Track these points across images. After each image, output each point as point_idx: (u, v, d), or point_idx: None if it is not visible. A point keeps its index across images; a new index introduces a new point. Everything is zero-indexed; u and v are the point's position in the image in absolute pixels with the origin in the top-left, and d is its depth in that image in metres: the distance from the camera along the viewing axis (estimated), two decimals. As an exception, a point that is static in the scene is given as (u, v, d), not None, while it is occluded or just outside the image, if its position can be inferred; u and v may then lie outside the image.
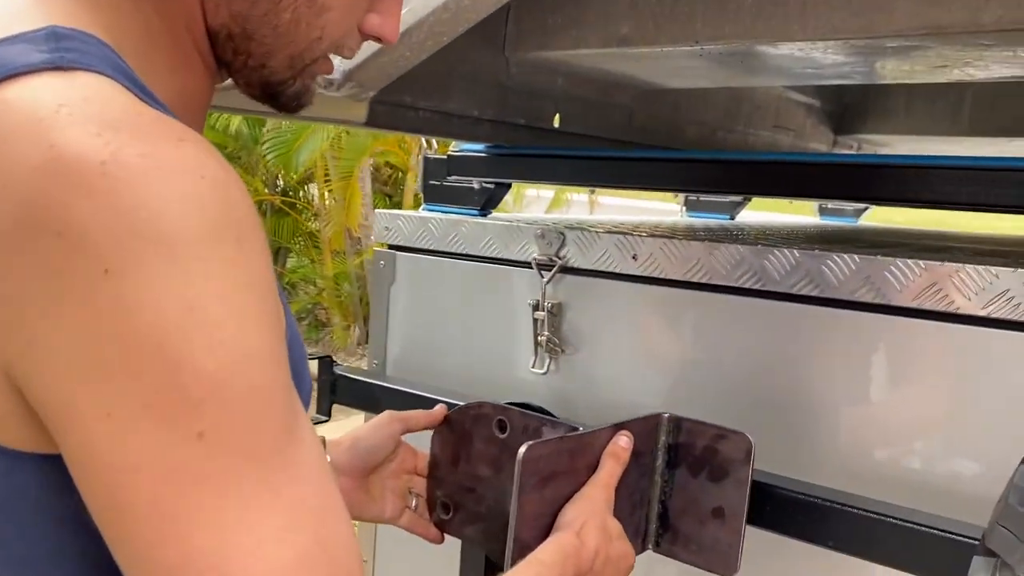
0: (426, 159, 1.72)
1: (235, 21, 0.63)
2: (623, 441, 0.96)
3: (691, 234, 1.39)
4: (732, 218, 2.56)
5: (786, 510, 1.06)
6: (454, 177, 1.61)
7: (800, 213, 3.53)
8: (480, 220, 1.51)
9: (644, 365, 1.32)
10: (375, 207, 7.72)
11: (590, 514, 0.88)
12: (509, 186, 1.65)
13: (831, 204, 3.21)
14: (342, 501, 0.54)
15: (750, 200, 2.56)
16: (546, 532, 0.88)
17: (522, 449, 0.85)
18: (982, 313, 1.03)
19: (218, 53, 0.64)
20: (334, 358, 1.59)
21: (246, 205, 0.52)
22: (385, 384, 1.50)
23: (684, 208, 2.59)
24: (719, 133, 2.19)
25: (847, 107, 2.87)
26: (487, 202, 1.63)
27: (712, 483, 1.01)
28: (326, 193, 7.91)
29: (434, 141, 1.93)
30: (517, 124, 1.56)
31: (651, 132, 1.92)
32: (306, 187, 8.76)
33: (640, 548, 1.04)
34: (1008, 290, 1.01)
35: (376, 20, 0.68)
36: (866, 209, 3.38)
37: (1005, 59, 1.24)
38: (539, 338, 1.38)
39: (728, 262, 1.22)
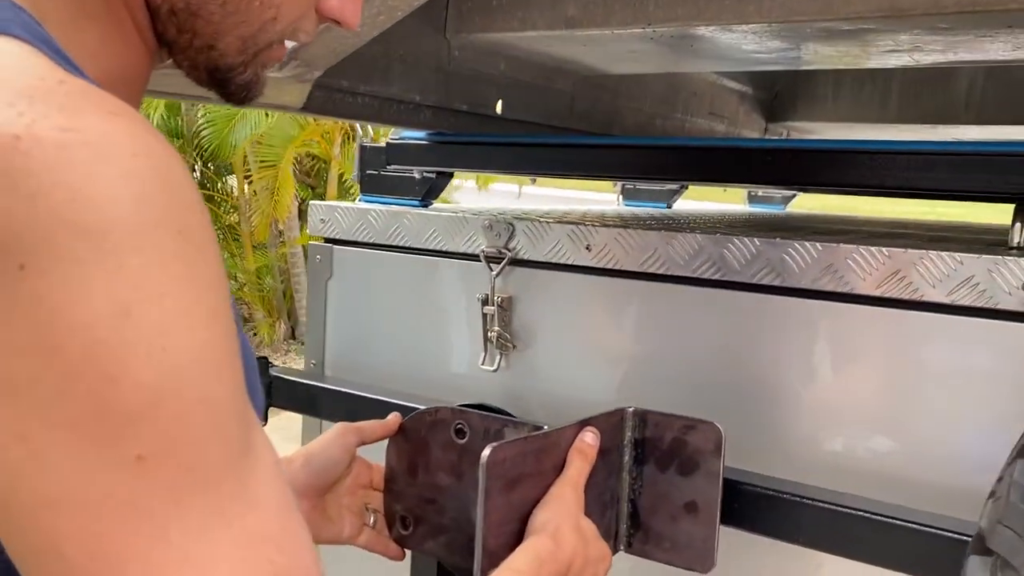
0: (362, 148, 1.63)
1: None
2: (589, 438, 0.91)
3: (646, 223, 1.35)
4: (669, 206, 2.54)
5: (755, 507, 1.02)
6: (394, 167, 1.53)
7: (730, 201, 3.55)
8: (423, 211, 1.44)
9: (600, 359, 1.27)
10: (297, 198, 7.52)
11: (564, 516, 0.82)
12: (451, 175, 1.58)
13: (761, 191, 3.24)
14: (304, 526, 0.48)
15: (687, 188, 2.54)
16: (515, 539, 0.83)
17: (485, 452, 0.79)
18: (947, 300, 1.01)
19: (159, 30, 0.56)
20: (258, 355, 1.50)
21: (190, 189, 0.45)
22: (324, 385, 1.42)
23: (621, 197, 2.56)
24: (657, 120, 2.16)
25: (777, 95, 2.89)
26: (428, 192, 1.56)
27: (682, 477, 0.98)
28: (246, 184, 7.66)
29: (370, 129, 1.84)
30: (459, 110, 1.49)
31: (591, 119, 1.87)
32: (224, 179, 8.48)
33: (612, 550, 0.99)
34: (972, 276, 0.99)
35: (335, 2, 0.61)
36: (794, 196, 3.42)
37: (955, 44, 1.23)
38: (489, 334, 1.32)
39: (686, 252, 1.18)
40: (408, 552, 1.07)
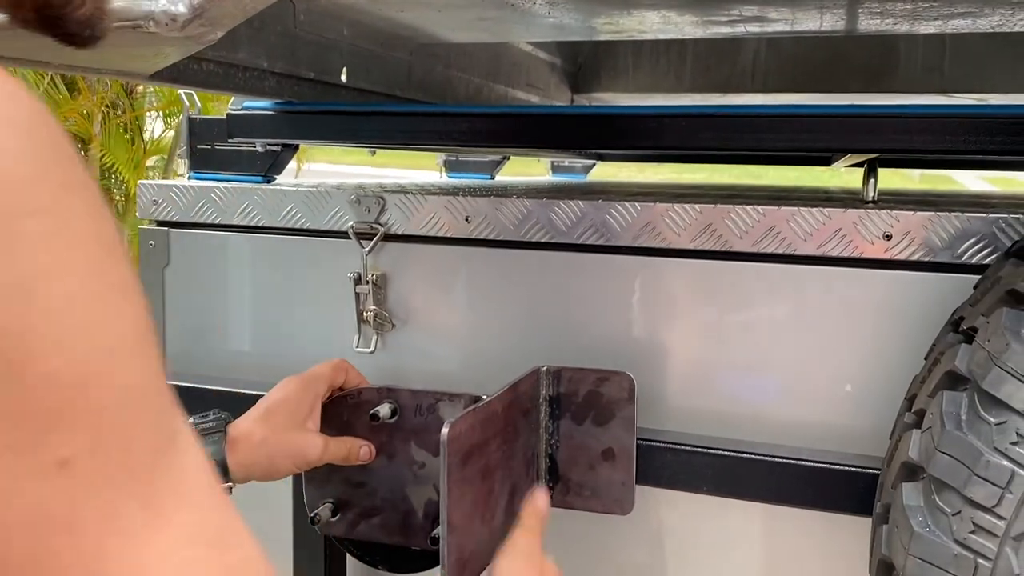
0: (191, 120, 1.49)
1: None
2: (542, 502, 0.88)
3: (522, 192, 1.34)
4: (492, 178, 2.55)
5: (657, 461, 1.06)
6: (235, 140, 1.41)
7: (536, 173, 3.63)
8: (279, 187, 1.34)
9: (483, 331, 1.25)
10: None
11: (527, 563, 0.81)
12: (296, 148, 1.48)
13: (567, 162, 3.34)
14: (239, 514, 0.43)
15: (508, 159, 2.57)
16: (472, 508, 0.83)
17: (445, 429, 0.77)
18: (817, 252, 1.09)
19: None
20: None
21: (66, 135, 0.37)
22: (173, 383, 1.29)
23: (444, 170, 2.54)
24: (484, 90, 2.15)
25: (581, 67, 2.98)
26: (271, 167, 1.46)
27: (598, 427, 1.02)
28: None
29: (197, 100, 1.67)
30: (305, 78, 1.40)
31: (427, 88, 1.83)
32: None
33: None
34: (840, 229, 1.07)
35: None
36: (593, 166, 3.56)
37: (800, 17, 1.31)
38: (364, 314, 1.26)
39: (568, 219, 1.18)
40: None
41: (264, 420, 0.93)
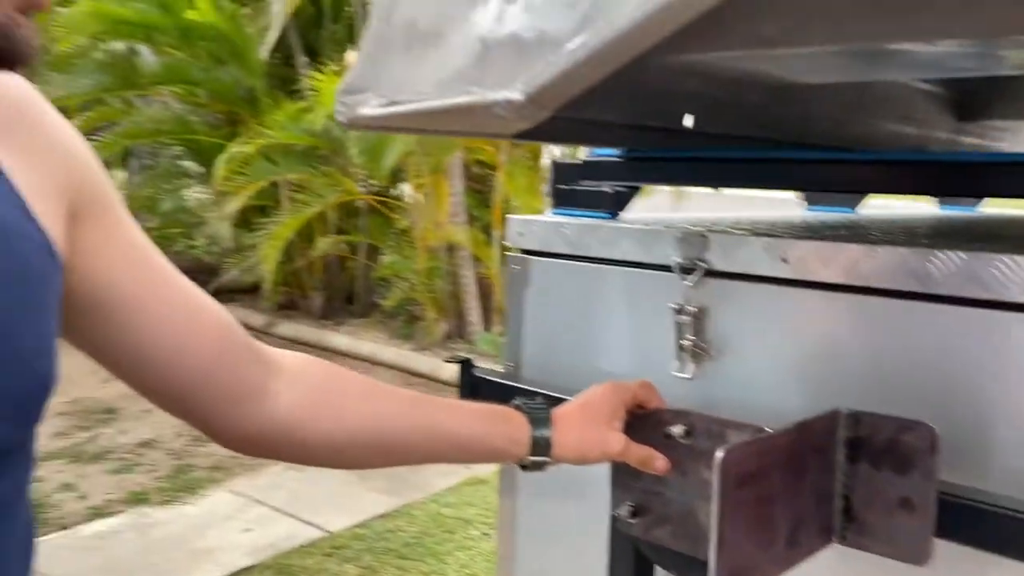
0: (555, 164, 1.73)
1: None
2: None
3: (843, 235, 1.37)
4: (854, 211, 2.49)
5: (964, 519, 1.04)
6: (587, 182, 1.62)
7: (919, 201, 3.40)
8: (617, 224, 1.52)
9: (794, 369, 1.30)
10: (466, 204, 7.80)
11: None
12: (639, 189, 1.65)
13: (951, 193, 3.09)
14: None
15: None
16: (745, 530, 0.93)
17: (719, 453, 0.87)
18: None
19: None
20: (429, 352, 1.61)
21: None
22: (527, 387, 1.52)
23: (805, 201, 2.54)
24: (846, 127, 2.13)
25: (969, 94, 2.76)
26: (617, 205, 1.64)
27: (897, 475, 1.03)
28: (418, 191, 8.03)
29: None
30: (650, 127, 1.56)
31: (780, 128, 1.88)
32: (396, 185, 8.91)
33: (825, 541, 1.07)
34: None
35: None
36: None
37: None
38: (683, 342, 1.38)
39: (887, 265, 1.19)
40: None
41: (581, 409, 1.10)
